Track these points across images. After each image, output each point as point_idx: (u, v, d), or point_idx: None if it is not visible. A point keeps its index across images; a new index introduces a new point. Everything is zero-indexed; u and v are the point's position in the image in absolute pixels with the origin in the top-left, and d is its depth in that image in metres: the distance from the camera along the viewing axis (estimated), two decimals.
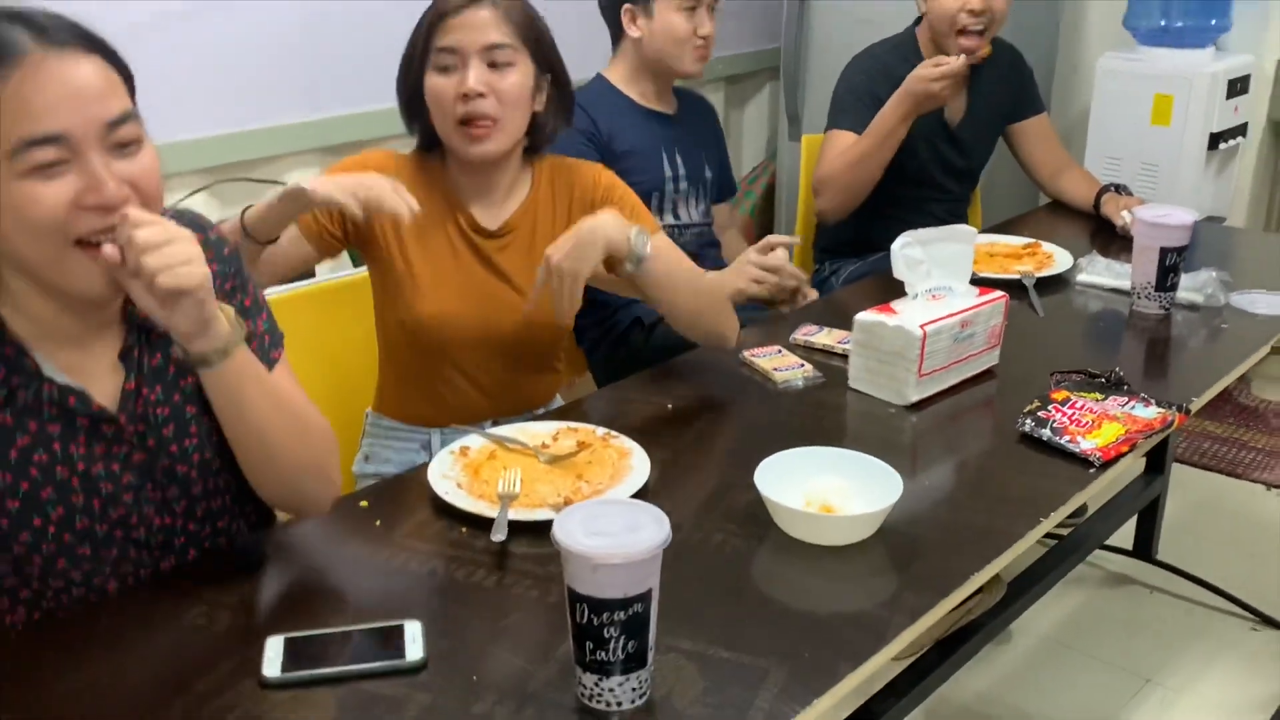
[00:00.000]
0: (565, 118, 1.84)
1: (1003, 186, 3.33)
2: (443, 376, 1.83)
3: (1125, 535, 2.79)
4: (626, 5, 2.37)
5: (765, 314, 2.38)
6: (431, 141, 1.82)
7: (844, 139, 2.61)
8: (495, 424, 1.79)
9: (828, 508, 1.37)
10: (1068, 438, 1.58)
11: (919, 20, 2.69)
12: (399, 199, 1.59)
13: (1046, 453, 1.57)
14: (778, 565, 1.33)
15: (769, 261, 2.13)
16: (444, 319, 1.77)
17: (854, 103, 2.63)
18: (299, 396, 1.36)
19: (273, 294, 2.27)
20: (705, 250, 2.51)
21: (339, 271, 2.22)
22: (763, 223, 3.91)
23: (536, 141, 1.84)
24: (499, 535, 1.32)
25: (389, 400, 1.91)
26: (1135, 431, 1.59)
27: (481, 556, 1.32)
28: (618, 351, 2.39)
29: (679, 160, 2.44)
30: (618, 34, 2.42)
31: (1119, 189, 2.62)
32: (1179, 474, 3.14)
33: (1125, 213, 2.46)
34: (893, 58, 2.68)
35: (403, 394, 1.89)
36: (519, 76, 1.73)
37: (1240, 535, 2.98)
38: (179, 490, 1.31)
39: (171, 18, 2.46)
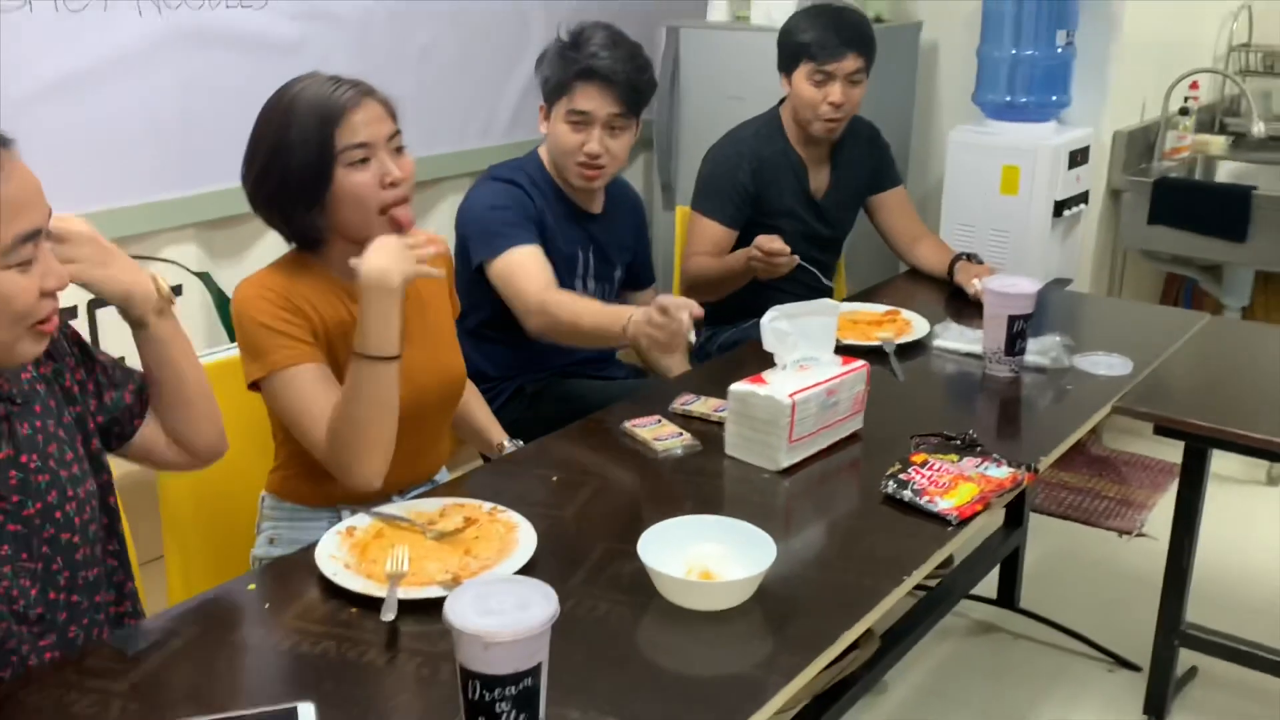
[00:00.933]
0: None
1: (865, 254, 3.50)
2: None
3: (989, 585, 2.93)
4: (541, 103, 2.40)
5: (647, 383, 2.47)
6: (314, 239, 1.79)
7: (711, 230, 2.74)
8: (397, 497, 1.81)
9: (707, 574, 1.44)
10: (927, 498, 1.68)
11: (784, 100, 2.83)
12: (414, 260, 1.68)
13: (909, 513, 1.67)
14: (661, 632, 1.40)
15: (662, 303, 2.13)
16: None
17: (718, 190, 2.76)
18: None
19: None
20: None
21: (212, 352, 2.22)
22: None
23: None
24: (388, 615, 1.36)
25: (290, 484, 1.90)
26: (989, 491, 1.70)
27: (372, 636, 1.35)
28: (501, 418, 2.43)
29: (591, 260, 2.48)
30: None
31: (970, 257, 2.79)
32: (1038, 523, 3.31)
33: (976, 281, 2.62)
34: (756, 141, 2.80)
35: (305, 477, 1.86)
36: (408, 157, 1.80)
37: (1097, 581, 3.14)
38: (63, 560, 1.33)
39: (42, 94, 2.45)
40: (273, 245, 1.94)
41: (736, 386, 1.83)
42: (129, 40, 2.59)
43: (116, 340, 2.71)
